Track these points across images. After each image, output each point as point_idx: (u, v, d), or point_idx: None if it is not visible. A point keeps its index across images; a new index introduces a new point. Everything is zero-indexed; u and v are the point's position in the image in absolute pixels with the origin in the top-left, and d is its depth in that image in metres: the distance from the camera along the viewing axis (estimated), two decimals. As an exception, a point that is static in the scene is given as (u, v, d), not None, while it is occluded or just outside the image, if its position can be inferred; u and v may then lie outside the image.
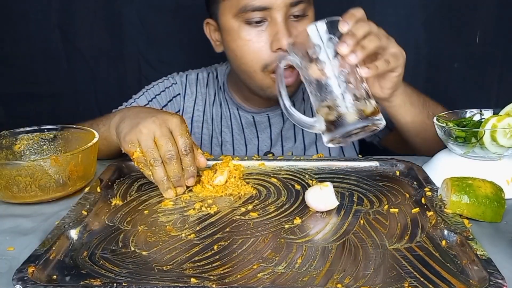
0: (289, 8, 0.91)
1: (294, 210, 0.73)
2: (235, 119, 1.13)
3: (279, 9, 0.90)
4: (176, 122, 0.78)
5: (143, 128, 0.77)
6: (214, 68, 1.19)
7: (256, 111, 1.12)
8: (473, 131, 0.77)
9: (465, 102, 0.93)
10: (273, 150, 1.13)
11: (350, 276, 0.56)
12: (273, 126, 1.12)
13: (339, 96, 0.70)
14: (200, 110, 1.15)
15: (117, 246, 0.64)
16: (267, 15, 0.91)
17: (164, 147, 0.76)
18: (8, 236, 0.68)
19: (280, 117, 1.12)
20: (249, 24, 0.92)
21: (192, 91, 1.15)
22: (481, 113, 0.85)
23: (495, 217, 0.69)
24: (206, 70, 1.19)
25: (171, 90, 1.15)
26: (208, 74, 1.17)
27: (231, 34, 0.96)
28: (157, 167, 0.77)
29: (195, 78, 1.17)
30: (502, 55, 1.45)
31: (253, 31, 0.93)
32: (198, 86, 1.16)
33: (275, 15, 0.90)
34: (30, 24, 1.47)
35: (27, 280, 0.54)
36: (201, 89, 1.16)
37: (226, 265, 0.59)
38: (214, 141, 1.14)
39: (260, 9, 0.90)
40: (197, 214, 0.73)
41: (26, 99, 1.55)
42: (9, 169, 0.74)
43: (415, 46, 1.46)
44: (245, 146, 1.14)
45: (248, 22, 0.92)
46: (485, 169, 0.78)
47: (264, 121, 1.12)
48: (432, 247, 0.62)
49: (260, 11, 0.90)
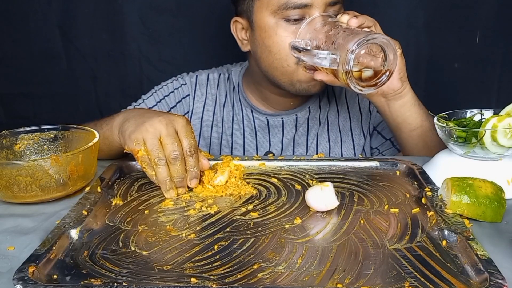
0: (327, 7, 0.93)
1: (294, 210, 0.73)
2: (248, 121, 1.12)
3: (318, 7, 0.92)
4: (182, 123, 0.79)
5: (149, 127, 0.78)
6: (226, 69, 1.18)
7: (271, 113, 1.11)
8: (474, 131, 0.77)
9: (465, 102, 0.94)
10: (283, 155, 1.10)
11: (350, 276, 0.56)
12: (286, 131, 1.12)
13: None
14: (210, 112, 1.14)
15: (118, 246, 0.64)
16: (306, 13, 0.92)
17: (169, 147, 0.77)
18: (9, 236, 0.68)
19: (294, 122, 1.11)
20: (287, 21, 0.93)
21: (202, 92, 1.14)
22: (481, 113, 0.85)
23: (496, 217, 0.69)
24: (217, 70, 1.18)
25: (180, 91, 1.14)
26: (219, 75, 1.16)
27: (267, 31, 0.96)
28: (161, 167, 0.77)
29: (205, 79, 1.15)
30: (502, 55, 1.45)
31: (291, 27, 0.94)
32: (209, 87, 1.15)
33: (313, 13, 0.92)
34: (30, 24, 1.47)
35: (28, 279, 0.54)
36: (211, 90, 1.15)
37: (226, 265, 0.59)
38: (223, 143, 1.14)
39: (301, 7, 0.91)
40: (198, 214, 0.73)
41: (26, 99, 1.55)
42: (9, 169, 0.74)
43: (416, 46, 1.47)
44: (256, 149, 1.13)
45: (286, 19, 0.93)
46: (486, 169, 0.78)
47: (278, 124, 1.11)
48: (432, 247, 0.62)
49: (300, 9, 0.92)
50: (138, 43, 1.48)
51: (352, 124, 1.13)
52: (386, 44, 0.77)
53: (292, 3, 0.91)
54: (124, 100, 1.14)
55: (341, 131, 1.13)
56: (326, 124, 1.13)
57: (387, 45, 0.77)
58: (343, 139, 1.13)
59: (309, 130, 1.12)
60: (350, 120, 1.14)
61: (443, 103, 0.99)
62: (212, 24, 1.45)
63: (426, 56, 1.47)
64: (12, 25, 1.47)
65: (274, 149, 1.12)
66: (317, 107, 1.13)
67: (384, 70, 0.79)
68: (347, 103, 1.14)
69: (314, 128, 1.12)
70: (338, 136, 1.13)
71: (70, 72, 1.52)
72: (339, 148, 1.13)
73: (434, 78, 1.49)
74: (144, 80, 1.47)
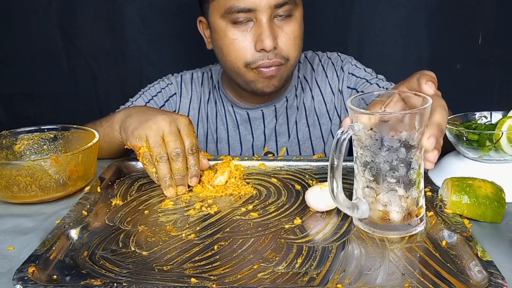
0: (274, 10, 0.94)
1: (294, 210, 0.73)
2: (230, 116, 1.15)
3: (263, 11, 0.93)
4: (184, 122, 0.81)
5: (153, 124, 0.79)
6: (208, 68, 1.21)
7: (250, 107, 1.13)
8: (487, 134, 0.75)
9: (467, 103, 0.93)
10: (267, 145, 1.14)
11: (350, 276, 0.56)
12: (267, 122, 1.14)
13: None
14: (195, 109, 1.16)
15: (118, 246, 0.64)
16: (252, 16, 0.94)
17: (172, 144, 0.78)
18: (8, 236, 0.68)
19: (273, 113, 1.13)
20: (235, 24, 0.96)
21: (188, 90, 1.17)
22: (485, 116, 0.83)
23: (496, 217, 0.69)
24: (201, 70, 1.21)
25: (167, 90, 1.17)
26: (203, 73, 1.19)
27: (219, 33, 0.99)
28: (162, 164, 0.78)
29: (190, 77, 1.18)
30: (504, 56, 1.45)
31: (238, 31, 0.96)
32: (193, 85, 1.18)
33: (259, 16, 0.94)
34: (30, 24, 1.47)
35: (27, 280, 0.54)
36: (196, 88, 1.17)
37: (226, 265, 0.59)
38: (209, 138, 1.16)
39: (245, 11, 0.93)
40: (198, 214, 0.73)
41: (26, 99, 1.55)
42: (9, 169, 0.74)
43: (417, 47, 1.47)
44: (239, 143, 1.15)
45: (234, 22, 0.96)
46: (498, 172, 0.76)
47: (258, 117, 1.14)
48: (432, 247, 0.62)
49: (245, 13, 0.94)
50: (138, 43, 1.48)
51: (327, 106, 1.15)
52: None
53: (236, 7, 0.93)
54: (124, 100, 1.14)
55: (318, 114, 1.15)
56: (304, 110, 1.15)
57: None
58: (321, 121, 1.15)
59: (288, 118, 1.14)
60: (324, 102, 1.15)
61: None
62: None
63: (428, 57, 1.47)
64: (13, 25, 1.48)
65: (258, 141, 1.14)
66: (294, 96, 1.15)
67: None
68: (318, 86, 1.16)
69: (293, 116, 1.14)
70: (316, 120, 1.15)
71: (70, 72, 1.52)
72: (318, 131, 1.15)
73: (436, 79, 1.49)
74: (144, 80, 1.47)
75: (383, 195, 0.62)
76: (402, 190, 0.62)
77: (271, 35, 0.94)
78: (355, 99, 0.65)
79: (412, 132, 0.59)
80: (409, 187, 0.62)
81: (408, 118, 0.59)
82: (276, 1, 0.93)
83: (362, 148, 0.63)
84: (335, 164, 0.60)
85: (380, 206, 0.63)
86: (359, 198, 0.65)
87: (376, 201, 0.63)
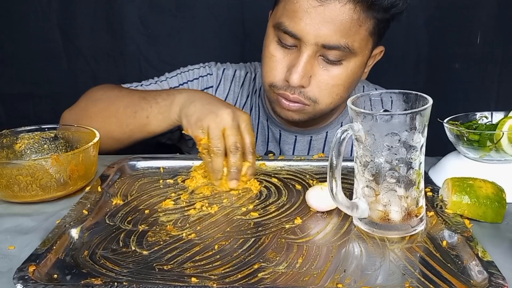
0: (321, 49, 0.87)
1: (294, 210, 0.73)
2: (262, 129, 1.09)
3: (308, 45, 0.86)
4: (246, 120, 0.82)
5: (215, 117, 0.80)
6: (254, 67, 1.14)
7: (285, 127, 1.07)
8: (487, 134, 0.75)
9: (465, 102, 0.94)
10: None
11: (350, 276, 0.56)
12: (297, 151, 1.08)
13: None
14: None
15: (118, 246, 0.64)
16: (297, 44, 0.88)
17: (232, 138, 0.79)
18: (9, 235, 0.68)
19: (308, 144, 1.07)
20: (280, 42, 0.91)
21: (225, 88, 1.11)
22: (486, 116, 0.83)
23: (496, 218, 0.69)
24: (245, 68, 1.14)
25: (205, 80, 1.11)
26: (246, 73, 1.13)
27: (265, 39, 0.95)
28: (218, 157, 0.79)
29: (231, 74, 1.12)
30: (503, 56, 1.45)
31: (280, 49, 0.91)
32: (233, 84, 1.11)
33: (303, 48, 0.87)
34: (30, 24, 1.47)
35: (28, 279, 0.54)
36: (234, 88, 1.11)
37: (226, 265, 0.59)
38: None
39: (291, 35, 0.87)
40: (198, 213, 0.73)
41: (26, 99, 1.55)
42: (9, 168, 0.74)
43: (416, 46, 1.47)
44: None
45: (280, 39, 0.90)
46: (499, 172, 0.76)
47: (290, 142, 1.07)
48: (432, 247, 0.62)
49: (291, 37, 0.87)
50: (137, 43, 1.48)
51: None
52: None
53: (284, 27, 0.87)
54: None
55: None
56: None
57: None
58: None
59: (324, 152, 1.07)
60: None
61: (443, 103, 0.99)
62: (212, 24, 1.45)
63: (427, 56, 1.48)
64: (12, 25, 1.48)
65: None
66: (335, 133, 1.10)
67: None
68: None
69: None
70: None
71: (70, 72, 1.52)
72: None
73: (434, 78, 1.49)
74: (144, 80, 1.47)
75: (383, 195, 0.63)
76: (402, 190, 0.62)
77: (302, 72, 0.87)
78: (356, 99, 0.65)
79: (412, 132, 0.60)
80: (409, 187, 0.62)
81: (408, 118, 0.59)
82: (325, 41, 0.85)
83: (362, 148, 0.63)
84: (335, 163, 0.60)
85: (380, 206, 0.63)
86: (359, 197, 0.65)
87: (376, 201, 0.63)
